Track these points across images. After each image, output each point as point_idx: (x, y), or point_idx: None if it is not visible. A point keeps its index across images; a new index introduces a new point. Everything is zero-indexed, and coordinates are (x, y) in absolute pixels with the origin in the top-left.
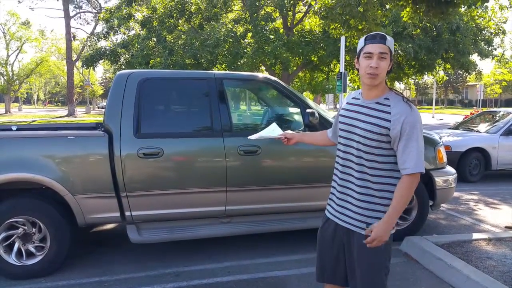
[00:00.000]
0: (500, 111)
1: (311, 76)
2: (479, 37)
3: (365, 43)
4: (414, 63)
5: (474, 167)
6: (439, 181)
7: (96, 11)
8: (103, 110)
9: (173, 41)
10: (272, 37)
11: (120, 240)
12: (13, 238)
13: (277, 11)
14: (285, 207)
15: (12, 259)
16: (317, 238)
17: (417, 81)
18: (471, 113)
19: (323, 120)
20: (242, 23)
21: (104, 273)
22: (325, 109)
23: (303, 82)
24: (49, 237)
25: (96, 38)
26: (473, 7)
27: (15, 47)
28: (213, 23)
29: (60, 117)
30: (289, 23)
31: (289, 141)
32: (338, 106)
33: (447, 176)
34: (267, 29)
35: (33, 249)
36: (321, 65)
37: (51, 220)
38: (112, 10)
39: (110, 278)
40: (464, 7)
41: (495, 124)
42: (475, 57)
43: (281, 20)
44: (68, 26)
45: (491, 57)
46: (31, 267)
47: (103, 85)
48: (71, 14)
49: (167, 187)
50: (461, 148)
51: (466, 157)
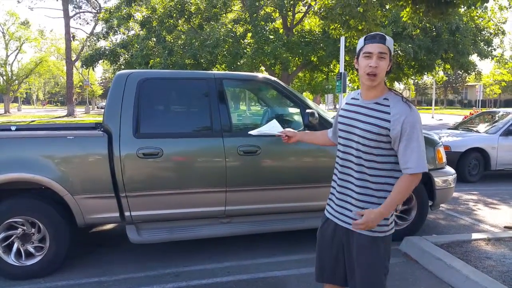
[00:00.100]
0: (499, 112)
1: (311, 76)
2: (479, 38)
3: (364, 43)
4: (413, 63)
5: (473, 167)
6: (438, 181)
7: (95, 11)
8: (103, 110)
9: (172, 41)
10: (271, 37)
11: (119, 240)
12: (12, 238)
13: (277, 11)
14: (285, 207)
15: (11, 260)
16: (317, 238)
17: (416, 81)
18: (470, 113)
19: (322, 120)
20: (241, 23)
21: (103, 273)
22: (325, 110)
23: (303, 82)
24: (49, 238)
25: (95, 38)
26: (473, 7)
27: (15, 47)
28: (212, 23)
29: (59, 117)
30: (289, 23)
31: (290, 139)
32: (337, 106)
33: (446, 176)
34: (267, 29)
35: (32, 250)
36: (321, 65)
37: (50, 220)
38: (111, 10)
39: (109, 278)
40: (463, 8)
41: (494, 124)
42: (474, 58)
43: (281, 20)
44: (67, 26)
45: (490, 57)
46: (30, 267)
47: (102, 85)
48: (71, 14)
49: (166, 187)
50: (460, 148)
51: (465, 157)
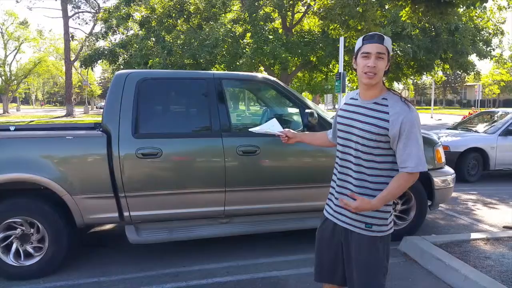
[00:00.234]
0: (498, 111)
1: (310, 76)
2: (478, 38)
3: (362, 43)
4: (412, 63)
5: (472, 167)
6: (437, 181)
7: (94, 11)
8: (102, 110)
9: (172, 41)
10: (271, 37)
11: (118, 240)
12: (11, 238)
13: (276, 11)
14: (284, 207)
15: (10, 260)
16: (316, 238)
17: (415, 81)
18: (469, 113)
19: (322, 120)
20: (241, 23)
21: (102, 273)
22: (324, 109)
23: (302, 82)
24: (47, 238)
25: (94, 38)
26: (472, 7)
27: (13, 47)
28: (212, 23)
29: (58, 117)
30: (288, 23)
31: (289, 140)
32: (337, 106)
33: (445, 176)
34: (266, 29)
35: (31, 250)
36: (320, 65)
37: (49, 220)
38: (110, 10)
39: (108, 278)
40: (463, 8)
41: (493, 124)
42: (473, 58)
43: (280, 20)
44: (66, 26)
45: (489, 57)
46: (29, 267)
47: (101, 85)
48: (70, 14)
49: (166, 187)
50: (459, 148)
51: (464, 157)
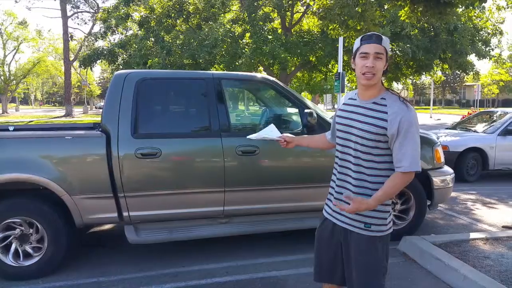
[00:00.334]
0: (497, 111)
1: (309, 76)
2: (477, 38)
3: (361, 44)
4: (412, 63)
5: (471, 167)
6: (436, 181)
7: (93, 11)
8: (101, 110)
9: (171, 41)
10: (270, 37)
11: (117, 240)
12: (10, 238)
13: (275, 11)
14: (283, 207)
15: (9, 260)
16: (315, 237)
17: (414, 81)
18: (468, 113)
19: (321, 120)
20: (240, 23)
21: (101, 273)
22: (323, 109)
23: (301, 82)
24: (47, 238)
25: (93, 38)
26: (471, 7)
27: (12, 47)
28: (211, 23)
29: (57, 117)
30: (287, 23)
31: (288, 144)
32: (336, 106)
33: (444, 176)
34: (265, 29)
35: (30, 250)
36: (319, 65)
37: (48, 220)
38: (109, 10)
39: (107, 278)
40: (461, 8)
41: (492, 124)
42: (472, 58)
43: (279, 20)
44: (65, 26)
45: (488, 57)
46: (28, 268)
47: (100, 85)
48: (69, 14)
49: (165, 187)
50: (458, 148)
51: (463, 157)
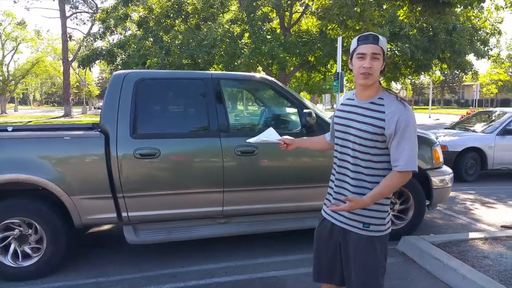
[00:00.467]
0: (496, 111)
1: (308, 76)
2: (475, 37)
3: (357, 44)
4: (410, 63)
5: (470, 166)
6: (435, 180)
7: (92, 11)
8: (100, 110)
9: (169, 41)
10: (269, 37)
11: (116, 241)
12: (9, 239)
13: (274, 11)
14: (282, 207)
15: (8, 261)
16: (314, 237)
17: (413, 81)
18: (467, 113)
19: (320, 120)
20: (239, 23)
21: (100, 274)
22: (322, 109)
23: (300, 82)
24: (45, 239)
25: (92, 38)
26: (469, 7)
27: (11, 47)
28: (210, 23)
29: (56, 117)
30: (286, 24)
31: (288, 147)
32: (335, 106)
33: (443, 175)
34: (264, 29)
35: (29, 251)
36: (318, 65)
37: (47, 221)
38: (108, 10)
39: (106, 279)
40: (460, 7)
41: (491, 124)
42: (471, 57)
43: (278, 20)
44: (64, 26)
45: (487, 57)
46: (27, 268)
47: (99, 85)
48: (67, 14)
49: (164, 187)
50: (457, 147)
51: (462, 157)
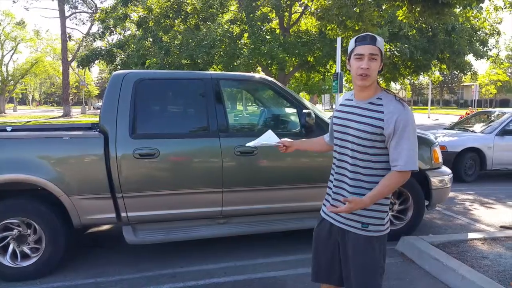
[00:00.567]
0: (495, 111)
1: (308, 76)
2: (474, 38)
3: (355, 45)
4: (409, 63)
5: (469, 167)
6: (434, 181)
7: (91, 11)
8: (99, 110)
9: (169, 41)
10: (268, 37)
11: (116, 241)
12: (8, 239)
13: (273, 11)
14: (282, 207)
15: (6, 261)
16: (313, 238)
17: (412, 81)
18: (466, 113)
19: (319, 120)
20: (238, 23)
21: (99, 274)
22: (322, 110)
23: (300, 82)
24: (44, 239)
25: (91, 38)
26: (468, 8)
27: (10, 47)
28: (209, 23)
29: (55, 117)
30: (285, 24)
31: (287, 149)
32: (334, 106)
33: (442, 176)
34: (264, 29)
35: (28, 251)
36: (318, 65)
37: (46, 221)
38: (107, 10)
39: (105, 279)
40: (459, 8)
41: (490, 124)
42: (470, 58)
43: (278, 20)
44: (63, 26)
45: (486, 57)
46: (26, 268)
47: (98, 85)
48: (67, 14)
49: (163, 188)
50: (456, 148)
51: (461, 157)
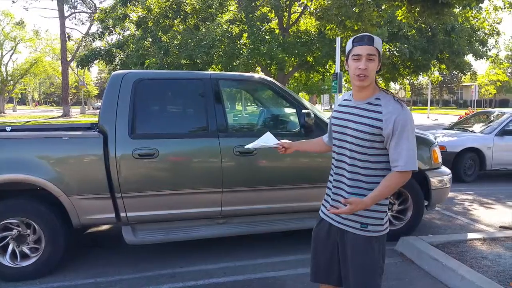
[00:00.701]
0: (494, 112)
1: (307, 76)
2: (474, 38)
3: (353, 45)
4: (409, 63)
5: (469, 167)
6: (434, 181)
7: (91, 11)
8: (98, 110)
9: (168, 41)
10: (267, 37)
11: (115, 241)
12: (7, 239)
13: (273, 11)
14: (281, 207)
15: (6, 261)
16: (312, 238)
17: (412, 81)
18: (466, 113)
19: (318, 120)
20: (237, 23)
21: (99, 274)
22: (321, 110)
23: (299, 82)
24: (44, 239)
25: (91, 38)
26: (468, 8)
27: (9, 47)
28: (208, 23)
29: (55, 117)
30: (284, 24)
31: (286, 150)
32: (333, 106)
33: (442, 176)
34: (263, 29)
35: (27, 251)
36: (317, 65)
37: (45, 221)
38: (107, 10)
39: (105, 279)
40: (459, 8)
41: (489, 124)
42: (469, 58)
43: (277, 20)
44: (62, 26)
45: (485, 57)
46: (26, 268)
47: (98, 85)
48: (66, 14)
49: (162, 188)
50: (456, 148)
51: (461, 157)
